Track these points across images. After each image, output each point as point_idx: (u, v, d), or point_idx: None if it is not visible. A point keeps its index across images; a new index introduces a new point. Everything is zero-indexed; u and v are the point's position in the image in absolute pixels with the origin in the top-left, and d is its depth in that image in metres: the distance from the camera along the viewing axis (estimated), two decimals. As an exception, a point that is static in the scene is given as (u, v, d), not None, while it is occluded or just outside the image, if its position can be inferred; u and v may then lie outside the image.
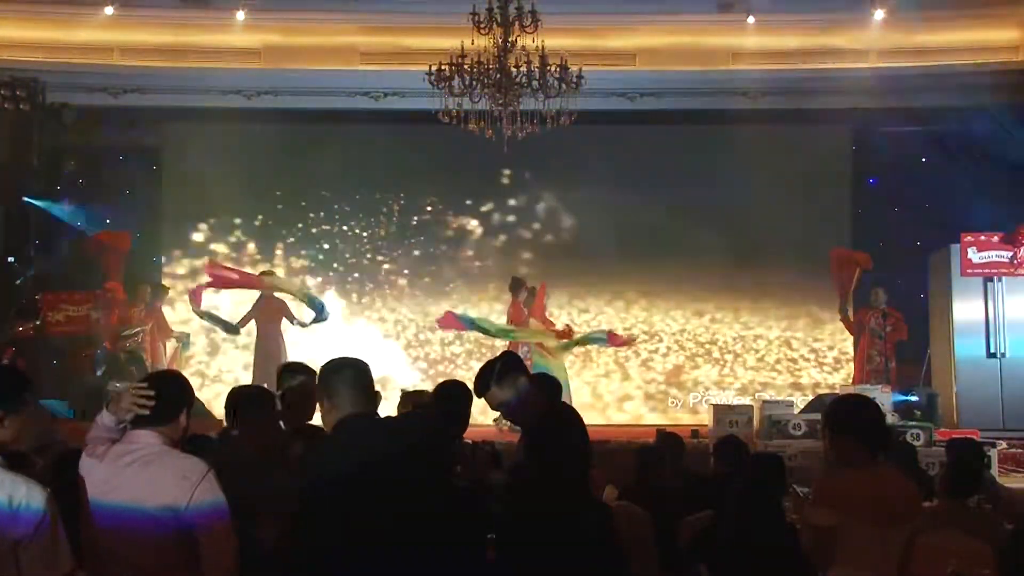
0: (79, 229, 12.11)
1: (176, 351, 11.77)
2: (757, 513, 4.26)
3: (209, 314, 11.26)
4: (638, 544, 4.32)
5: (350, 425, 3.28)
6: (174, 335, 11.77)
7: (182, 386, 3.50)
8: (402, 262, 12.63)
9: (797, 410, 9.97)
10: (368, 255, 12.64)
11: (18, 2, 11.19)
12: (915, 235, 11.97)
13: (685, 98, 12.03)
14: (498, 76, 8.91)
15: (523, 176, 12.42)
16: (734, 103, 11.90)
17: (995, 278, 10.60)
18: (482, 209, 12.67)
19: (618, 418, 12.16)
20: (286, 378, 4.54)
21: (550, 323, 11.26)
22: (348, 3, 11.37)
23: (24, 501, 2.89)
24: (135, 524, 3.17)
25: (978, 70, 11.41)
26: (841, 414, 3.84)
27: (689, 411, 12.28)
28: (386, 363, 12.06)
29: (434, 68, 8.86)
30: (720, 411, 10.00)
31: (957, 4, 11.31)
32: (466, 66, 8.83)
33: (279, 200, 12.60)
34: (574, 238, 12.57)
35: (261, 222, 12.62)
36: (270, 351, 10.83)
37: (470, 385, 4.16)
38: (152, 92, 11.73)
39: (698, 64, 11.70)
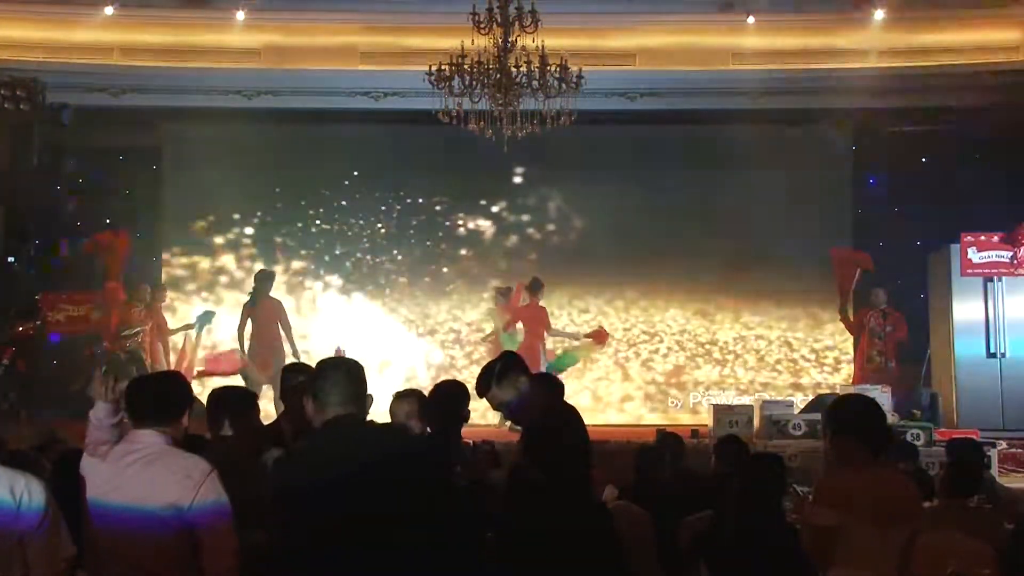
0: (79, 229, 12.11)
1: (187, 342, 11.73)
2: (757, 513, 4.26)
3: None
4: (638, 544, 4.32)
5: (335, 428, 3.20)
6: (174, 331, 11.76)
7: (185, 386, 3.55)
8: (402, 262, 12.62)
9: (797, 410, 9.97)
10: (368, 255, 12.64)
11: (18, 2, 11.19)
12: (915, 235, 11.98)
13: (685, 98, 12.01)
14: (498, 76, 8.90)
15: (523, 176, 12.43)
16: (734, 103, 11.90)
17: (995, 278, 10.61)
18: (482, 209, 12.66)
19: (618, 418, 12.16)
20: (289, 379, 4.53)
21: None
22: (348, 3, 11.36)
23: (26, 494, 2.94)
24: (137, 524, 3.16)
25: (978, 70, 11.42)
26: (842, 414, 3.83)
27: (689, 411, 12.28)
28: (384, 363, 12.09)
29: (434, 68, 8.86)
30: (720, 411, 10.01)
31: (957, 4, 11.32)
32: (466, 66, 8.82)
33: (279, 200, 12.60)
34: (574, 238, 12.57)
35: (261, 222, 12.62)
36: (270, 353, 10.78)
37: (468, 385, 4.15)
38: (152, 92, 11.73)
39: (698, 64, 11.69)
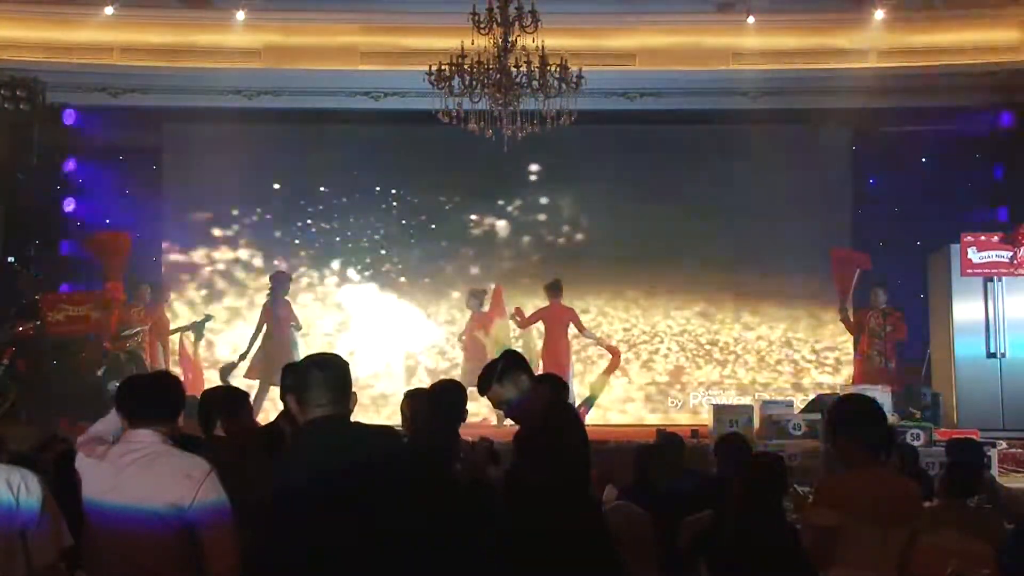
0: (79, 229, 12.11)
1: (183, 344, 11.74)
2: (757, 513, 4.26)
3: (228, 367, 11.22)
4: (638, 544, 4.32)
5: (317, 428, 3.18)
6: (172, 332, 11.76)
7: (180, 386, 3.55)
8: (402, 262, 12.61)
9: (797, 410, 9.97)
10: (368, 255, 12.63)
11: (18, 2, 11.19)
12: (915, 235, 11.96)
13: (685, 98, 12.00)
14: (498, 76, 8.90)
15: (523, 177, 12.40)
16: (734, 103, 11.89)
17: (995, 278, 10.59)
18: (481, 209, 12.65)
19: (618, 418, 12.16)
20: (288, 378, 4.52)
21: (524, 317, 11.29)
22: (348, 3, 11.36)
23: (23, 488, 2.99)
24: (137, 524, 3.15)
25: (978, 70, 11.41)
26: (842, 414, 3.83)
27: (689, 411, 12.27)
28: (382, 364, 12.09)
29: (434, 68, 8.85)
30: (720, 411, 10.00)
31: (957, 4, 11.32)
32: (466, 66, 8.82)
33: (279, 200, 12.59)
34: (573, 238, 12.56)
35: (261, 222, 12.61)
36: (286, 353, 10.73)
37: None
38: (152, 92, 11.72)
39: (698, 64, 11.69)
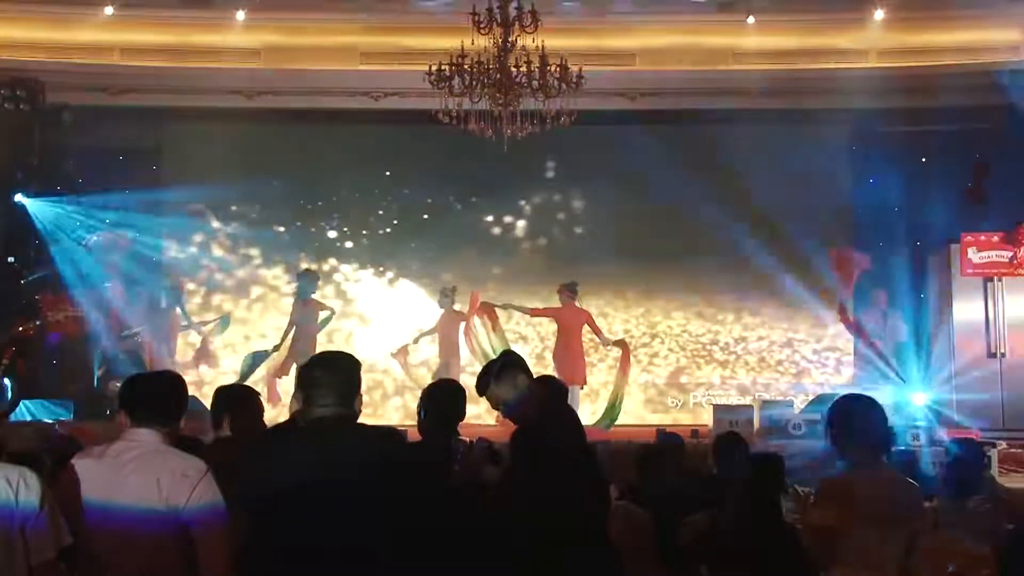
0: (79, 229, 12.10)
1: (205, 341, 11.79)
2: (757, 513, 4.25)
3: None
4: (638, 544, 4.31)
5: (316, 429, 3.16)
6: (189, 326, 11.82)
7: (184, 387, 3.53)
8: (402, 262, 12.61)
9: (797, 410, 9.97)
10: (368, 255, 12.63)
11: (18, 2, 11.19)
12: (915, 235, 11.97)
13: (685, 98, 12.02)
14: (498, 76, 8.90)
15: (523, 177, 12.39)
16: (734, 103, 11.90)
17: (995, 278, 10.61)
18: (481, 209, 12.65)
19: (619, 419, 12.13)
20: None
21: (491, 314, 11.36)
22: (348, 3, 11.36)
23: (22, 485, 2.98)
24: (135, 523, 3.14)
25: (978, 70, 11.41)
26: (843, 414, 3.83)
27: (689, 411, 12.28)
28: (381, 364, 12.07)
29: (434, 68, 8.86)
30: (720, 411, 10.03)
31: (957, 4, 11.31)
32: (466, 66, 8.82)
33: (278, 199, 12.58)
34: (573, 238, 12.56)
35: (261, 221, 12.61)
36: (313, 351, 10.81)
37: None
38: (152, 92, 11.73)
39: (698, 64, 11.70)
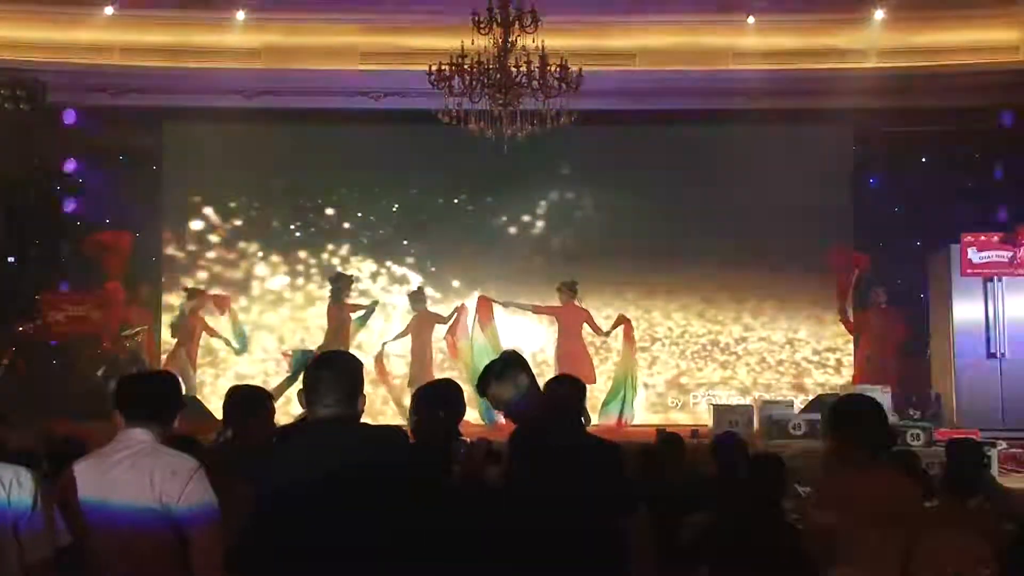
0: (79, 229, 12.10)
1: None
2: (757, 513, 4.26)
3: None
4: (638, 544, 4.31)
5: (319, 429, 3.16)
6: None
7: (179, 387, 3.55)
8: (403, 263, 12.61)
9: (797, 410, 9.97)
10: (368, 255, 12.63)
11: (18, 2, 11.18)
12: (915, 235, 11.97)
13: (685, 98, 12.01)
14: (498, 76, 8.91)
15: (522, 177, 12.36)
16: (734, 103, 11.89)
17: (995, 278, 10.60)
18: (481, 210, 12.65)
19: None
20: None
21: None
22: (348, 3, 11.35)
23: (15, 484, 2.96)
24: (128, 523, 3.14)
25: (978, 70, 11.41)
26: (843, 414, 3.83)
27: (689, 411, 12.28)
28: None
29: (434, 68, 8.87)
30: (720, 411, 10.03)
31: (957, 4, 11.31)
32: (466, 66, 8.83)
33: (279, 200, 12.60)
34: (573, 238, 12.55)
35: (261, 222, 12.61)
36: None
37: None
38: (152, 92, 11.72)
39: (698, 64, 11.68)
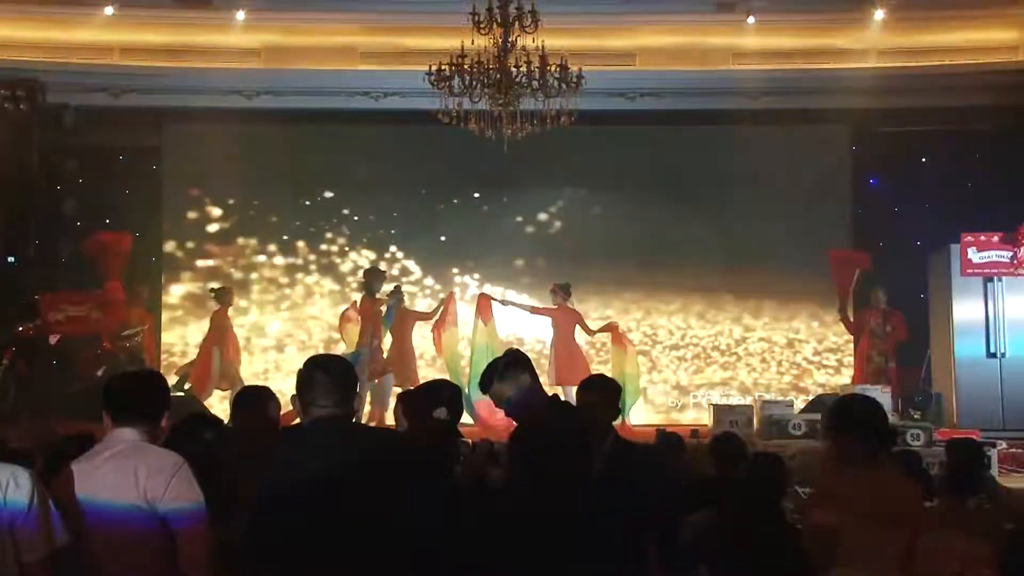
0: (79, 229, 12.11)
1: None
2: (757, 513, 4.25)
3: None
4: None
5: (315, 428, 3.18)
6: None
7: (165, 387, 3.54)
8: (403, 263, 12.61)
9: (797, 410, 9.97)
10: (368, 255, 12.62)
11: (18, 2, 11.19)
12: (915, 235, 11.98)
13: (685, 98, 12.02)
14: (498, 76, 8.91)
15: (522, 178, 12.36)
16: (734, 103, 11.92)
17: (995, 278, 10.59)
18: (481, 209, 12.65)
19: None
20: None
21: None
22: (348, 3, 11.36)
23: (12, 483, 2.96)
24: (116, 521, 3.16)
25: (978, 70, 11.42)
26: (843, 414, 3.82)
27: (689, 411, 12.27)
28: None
29: (434, 68, 8.87)
30: (720, 411, 10.02)
31: (957, 4, 11.32)
32: (466, 66, 8.83)
33: (279, 200, 12.59)
34: (573, 238, 12.54)
35: (261, 222, 12.61)
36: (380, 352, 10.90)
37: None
38: (152, 92, 11.74)
39: (698, 64, 11.71)
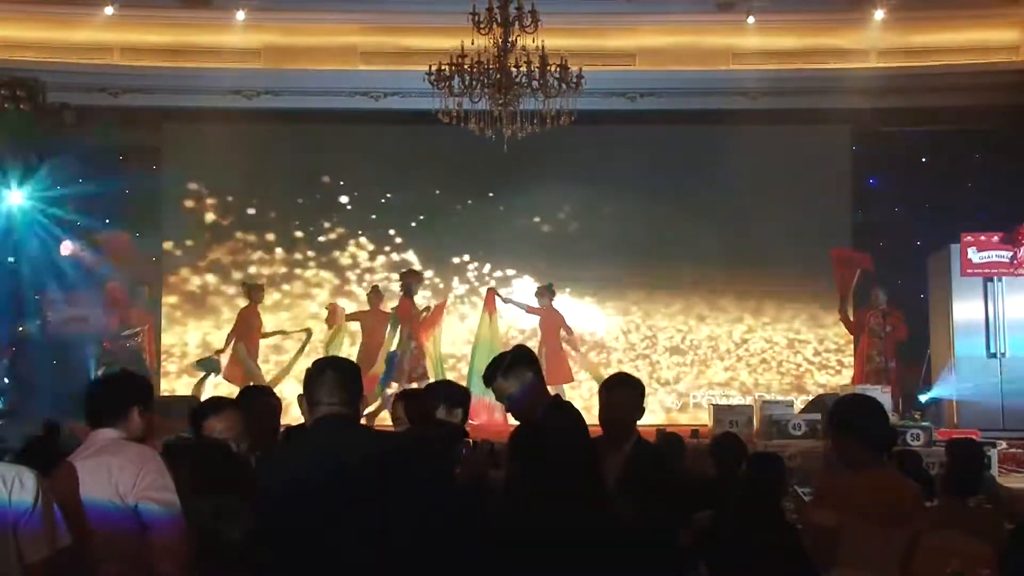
0: (79, 229, 12.09)
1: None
2: (757, 513, 4.26)
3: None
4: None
5: (321, 427, 3.20)
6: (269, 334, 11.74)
7: (129, 385, 3.56)
8: (403, 262, 12.61)
9: (797, 410, 9.97)
10: (368, 254, 12.63)
11: (18, 2, 11.19)
12: (915, 235, 11.98)
13: (685, 98, 12.02)
14: (498, 76, 8.91)
15: (522, 177, 12.34)
16: (734, 103, 11.91)
17: (995, 278, 10.60)
18: (481, 209, 12.64)
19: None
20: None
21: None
22: (348, 3, 11.36)
23: (17, 483, 2.97)
24: (93, 519, 3.20)
25: (978, 70, 11.42)
26: (844, 414, 3.82)
27: (689, 411, 12.28)
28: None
29: (434, 68, 8.87)
30: (720, 411, 10.02)
31: (957, 4, 11.32)
32: (466, 66, 8.83)
33: (279, 200, 12.59)
34: (573, 239, 12.54)
35: (260, 221, 12.61)
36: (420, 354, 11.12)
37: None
38: (152, 92, 11.73)
39: (698, 64, 11.70)
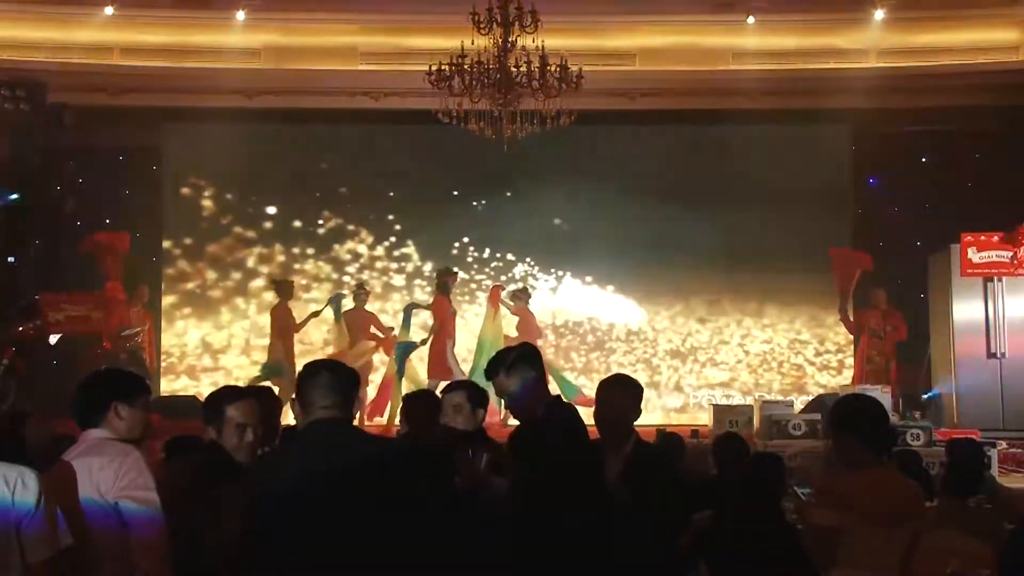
0: (79, 229, 12.11)
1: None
2: (757, 513, 4.25)
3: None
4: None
5: (314, 431, 3.16)
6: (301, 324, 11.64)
7: (107, 383, 3.56)
8: (403, 262, 12.62)
9: (797, 410, 9.97)
10: (368, 254, 12.63)
11: (18, 2, 11.19)
12: (915, 235, 11.98)
13: (685, 98, 12.04)
14: (498, 76, 8.92)
15: (522, 176, 12.37)
16: (734, 103, 11.92)
17: (995, 278, 10.59)
18: (481, 209, 12.66)
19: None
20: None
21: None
22: (348, 3, 11.37)
23: (20, 484, 2.98)
24: (90, 516, 3.21)
25: (978, 70, 11.43)
26: (845, 414, 3.81)
27: (689, 411, 12.28)
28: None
29: (434, 68, 8.88)
30: (720, 411, 10.01)
31: (957, 4, 11.33)
32: (466, 66, 8.84)
33: (278, 200, 12.60)
34: (573, 238, 12.55)
35: (260, 221, 12.62)
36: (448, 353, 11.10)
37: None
38: (152, 92, 11.75)
39: (698, 64, 11.71)
